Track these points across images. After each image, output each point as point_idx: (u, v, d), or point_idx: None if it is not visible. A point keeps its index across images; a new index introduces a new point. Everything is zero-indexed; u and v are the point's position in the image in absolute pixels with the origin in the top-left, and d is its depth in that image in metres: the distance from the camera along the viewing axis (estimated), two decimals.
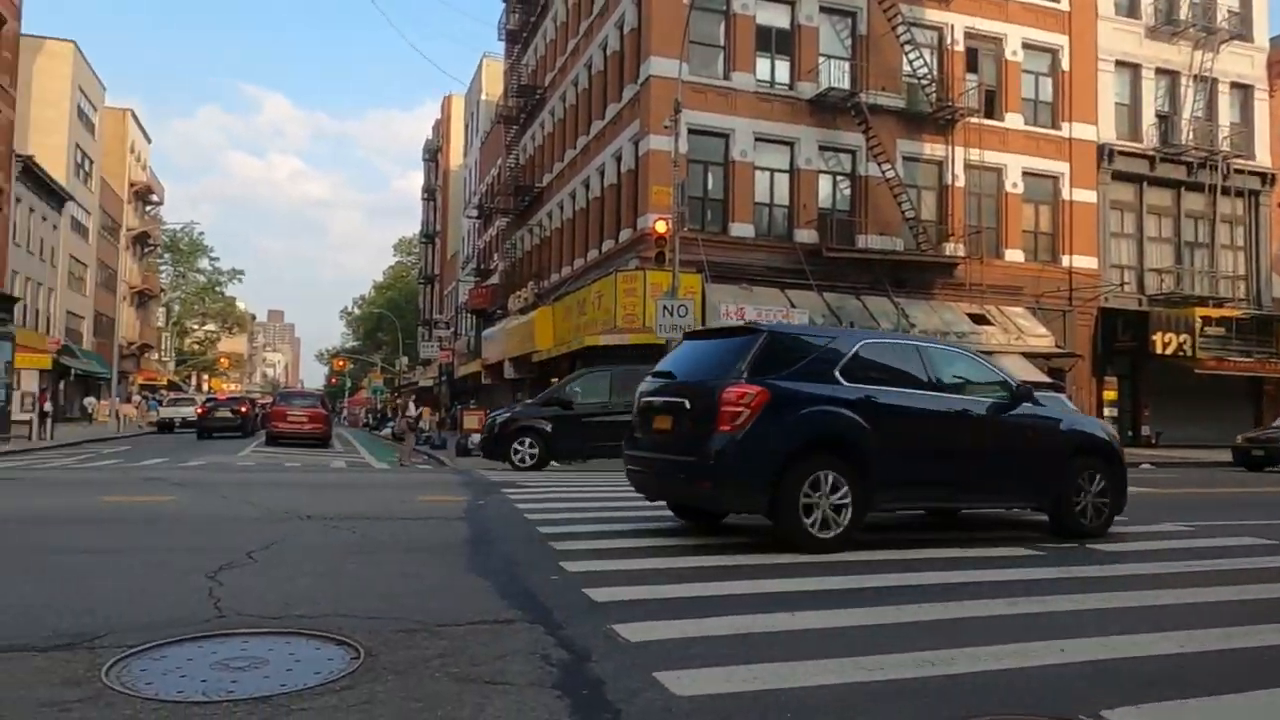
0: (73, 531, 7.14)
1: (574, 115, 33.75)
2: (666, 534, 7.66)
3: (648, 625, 4.48)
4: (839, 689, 3.58)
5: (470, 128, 60.83)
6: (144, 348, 69.65)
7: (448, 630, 4.32)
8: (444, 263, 68.34)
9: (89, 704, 3.19)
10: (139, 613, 4.51)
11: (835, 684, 3.64)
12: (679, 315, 20.32)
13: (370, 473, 17.25)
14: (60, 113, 49.94)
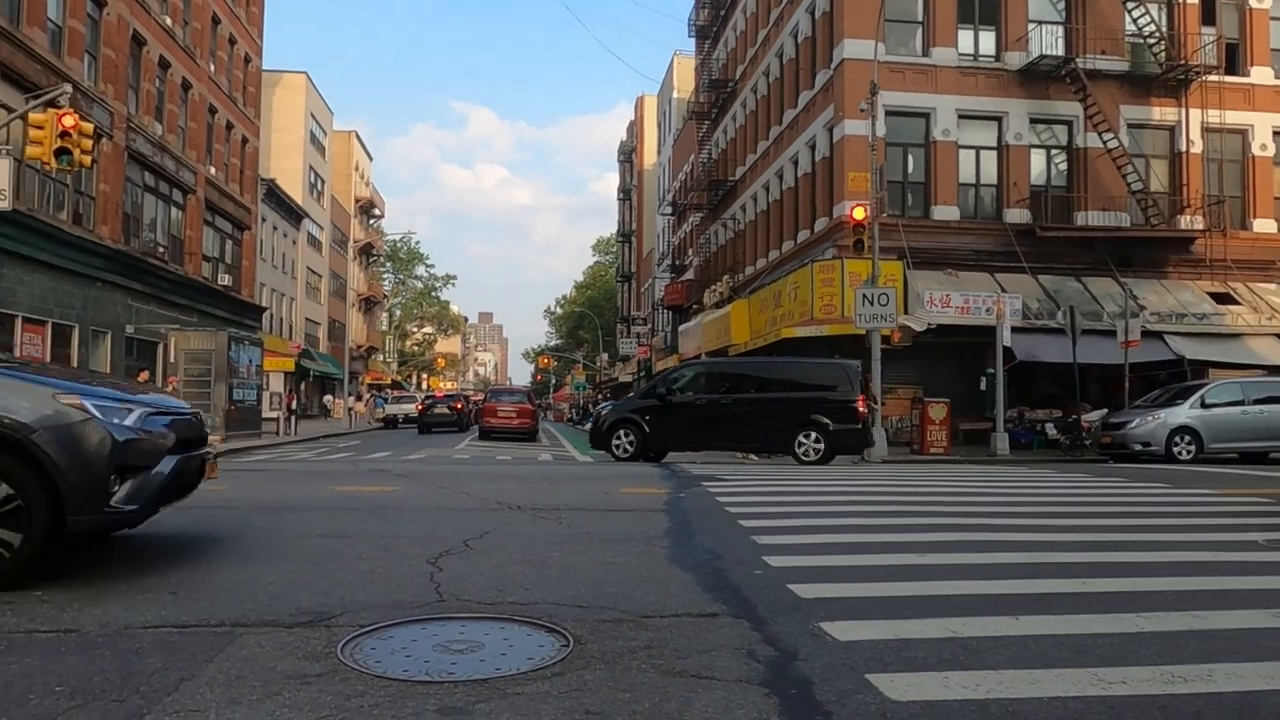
0: (311, 517, 7.78)
1: (765, 106, 33.43)
2: (872, 530, 7.38)
3: (856, 624, 4.31)
4: (1073, 703, 3.28)
5: (663, 126, 61.65)
6: (370, 350, 75.57)
7: (653, 622, 4.33)
8: (640, 260, 69.69)
9: (326, 678, 3.42)
10: (369, 594, 4.82)
11: (1068, 696, 3.34)
12: (880, 304, 19.66)
13: (574, 465, 17.82)
14: (296, 138, 55.00)
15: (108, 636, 3.94)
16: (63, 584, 4.94)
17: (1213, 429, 18.07)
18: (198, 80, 33.99)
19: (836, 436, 16.77)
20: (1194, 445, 17.99)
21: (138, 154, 28.68)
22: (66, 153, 15.65)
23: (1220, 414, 18.26)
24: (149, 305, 29.35)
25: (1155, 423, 18.37)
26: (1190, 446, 17.98)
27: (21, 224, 21.81)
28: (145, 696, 3.18)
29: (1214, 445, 18.06)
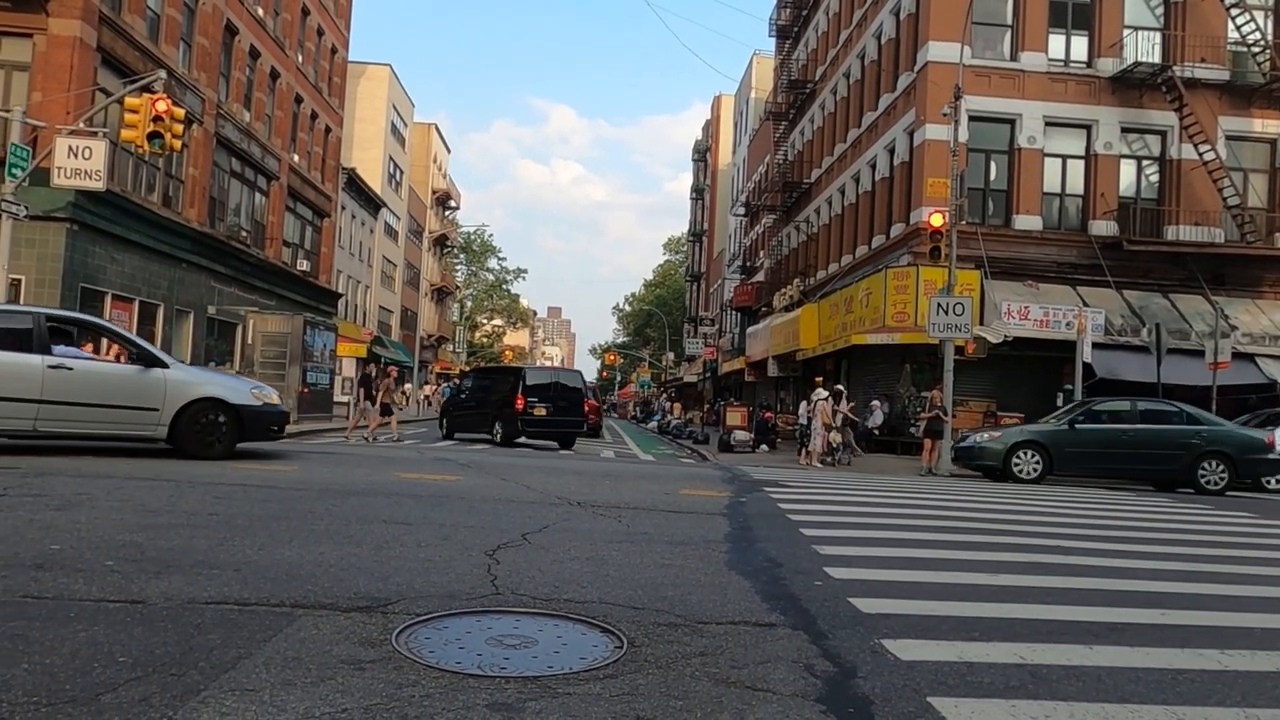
0: (375, 503, 7.88)
1: (844, 108, 32.95)
2: (938, 546, 7.17)
3: (919, 644, 4.16)
4: None
5: (739, 126, 61.29)
6: (440, 339, 76.78)
7: (709, 628, 4.25)
8: (710, 261, 69.42)
9: (379, 665, 3.43)
10: (426, 583, 4.83)
11: None
12: (955, 314, 19.19)
13: (636, 464, 17.79)
14: (377, 129, 56.11)
15: (172, 609, 4.01)
16: (132, 555, 5.07)
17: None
18: (286, 70, 34.88)
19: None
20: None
21: (226, 140, 29.56)
22: (159, 136, 16.18)
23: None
24: (230, 287, 30.24)
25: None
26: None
27: (115, 204, 22.64)
28: (203, 672, 3.22)
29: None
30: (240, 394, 11.65)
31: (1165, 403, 17.66)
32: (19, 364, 10.16)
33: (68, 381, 10.42)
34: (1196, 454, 15.81)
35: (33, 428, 10.43)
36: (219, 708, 2.90)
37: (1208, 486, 15.70)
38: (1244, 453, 15.90)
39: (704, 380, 58.05)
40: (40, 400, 10.29)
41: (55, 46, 21.15)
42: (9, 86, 21.41)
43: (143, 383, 10.86)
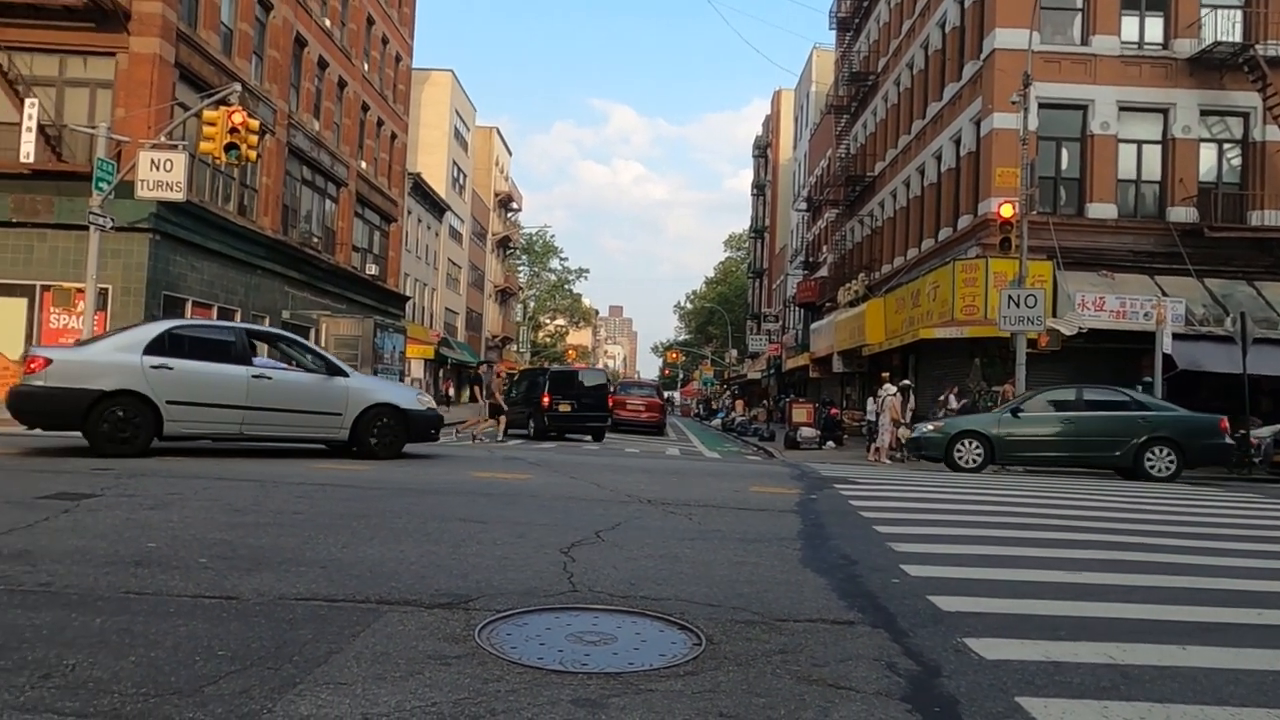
0: (451, 501, 8.02)
1: (908, 100, 32.43)
2: (1018, 543, 7.03)
3: (1003, 642, 4.09)
4: None
5: (799, 121, 60.75)
6: (505, 340, 77.72)
7: (787, 626, 4.24)
8: (772, 257, 68.97)
9: (464, 660, 3.50)
10: (504, 580, 4.91)
11: None
12: (1026, 306, 18.77)
13: (702, 461, 17.78)
14: (440, 134, 57.04)
15: (264, 605, 4.15)
16: (224, 553, 5.25)
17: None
18: (352, 79, 35.68)
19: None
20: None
21: (297, 149, 30.36)
22: (235, 148, 16.71)
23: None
24: (303, 292, 31.06)
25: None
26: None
27: (194, 214, 23.43)
28: (297, 666, 3.33)
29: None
30: (409, 399, 12.88)
31: (1114, 390, 17.20)
32: (229, 374, 11.29)
33: (268, 390, 11.49)
34: (1142, 441, 15.39)
35: (239, 431, 11.52)
36: (315, 700, 2.99)
37: (1154, 474, 15.26)
38: (1193, 437, 15.47)
39: (768, 377, 57.69)
40: (246, 407, 11.38)
41: (136, 64, 21.96)
42: (94, 104, 22.31)
43: (329, 390, 12.00)
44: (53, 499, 6.93)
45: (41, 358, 10.71)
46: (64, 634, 3.58)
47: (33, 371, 10.53)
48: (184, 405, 10.96)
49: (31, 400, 10.58)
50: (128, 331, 11.61)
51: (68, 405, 10.48)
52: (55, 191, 21.52)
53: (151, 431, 10.82)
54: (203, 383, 11.12)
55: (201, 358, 11.29)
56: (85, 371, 10.63)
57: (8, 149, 21.64)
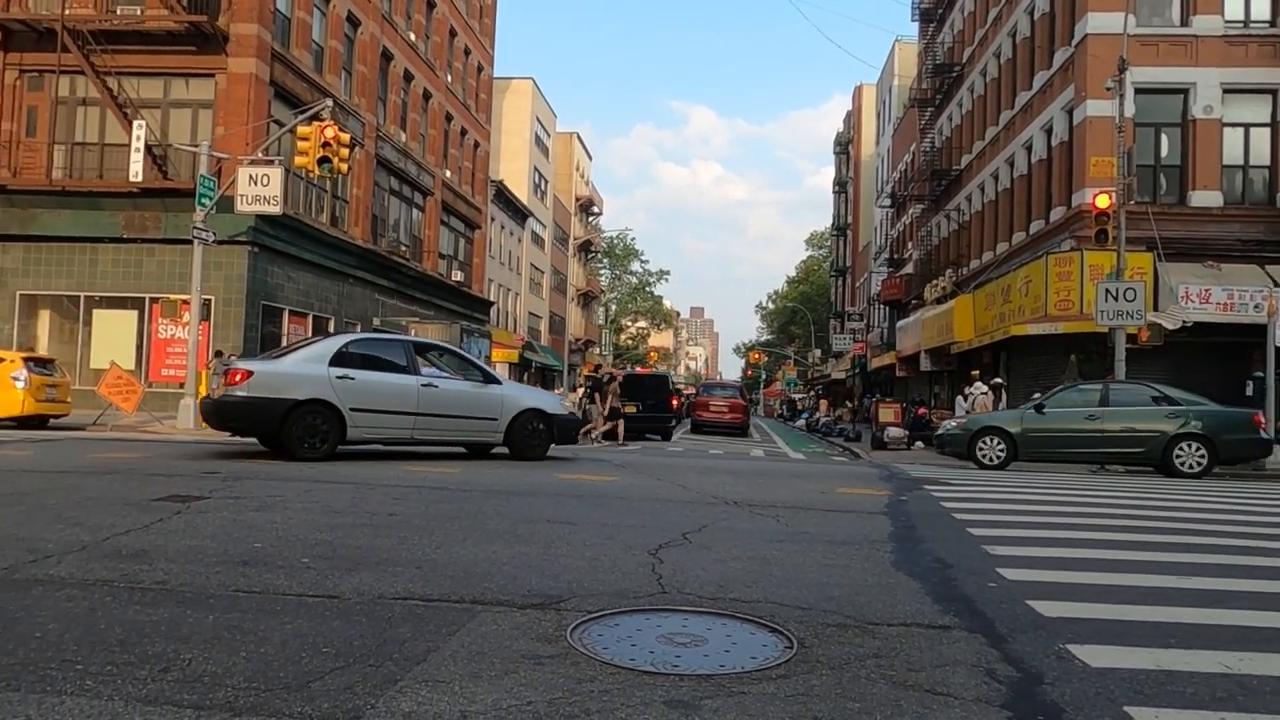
0: (539, 503, 8.14)
1: (995, 90, 31.55)
2: (1120, 546, 6.76)
3: (1109, 650, 3.94)
4: None
5: (882, 116, 59.71)
6: (587, 343, 78.39)
7: (880, 630, 4.17)
8: (855, 254, 67.93)
9: (558, 660, 3.54)
10: (594, 581, 4.96)
11: None
12: (1125, 299, 18.07)
13: (787, 462, 17.61)
14: (522, 141, 57.90)
15: (364, 604, 4.29)
16: (325, 553, 5.44)
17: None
18: (436, 90, 36.51)
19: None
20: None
21: (385, 160, 31.22)
22: (327, 161, 17.28)
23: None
24: (392, 299, 31.92)
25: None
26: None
27: (289, 227, 24.32)
28: (397, 663, 3.42)
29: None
30: (555, 405, 13.78)
31: (1143, 384, 16.60)
32: (402, 383, 12.18)
33: (435, 397, 12.34)
34: (1170, 436, 14.89)
35: (410, 436, 12.36)
36: (415, 697, 3.08)
37: (1184, 470, 14.72)
38: (1225, 433, 14.90)
39: (852, 376, 56.82)
40: (416, 413, 12.25)
41: (234, 83, 22.92)
42: (196, 123, 23.37)
43: (487, 397, 12.83)
44: (166, 501, 7.27)
45: (243, 370, 11.51)
46: (180, 630, 3.76)
47: (236, 383, 11.32)
48: (365, 412, 11.78)
49: (234, 409, 11.40)
50: (312, 345, 12.46)
51: (266, 413, 11.31)
52: (162, 208, 22.61)
53: (337, 437, 11.60)
54: (380, 391, 11.95)
55: (376, 369, 12.15)
56: (281, 382, 11.47)
57: (118, 169, 22.85)
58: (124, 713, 2.85)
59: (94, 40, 22.50)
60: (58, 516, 6.40)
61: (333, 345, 12.14)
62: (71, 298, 23.70)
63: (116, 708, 2.88)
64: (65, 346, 23.46)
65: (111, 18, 23.09)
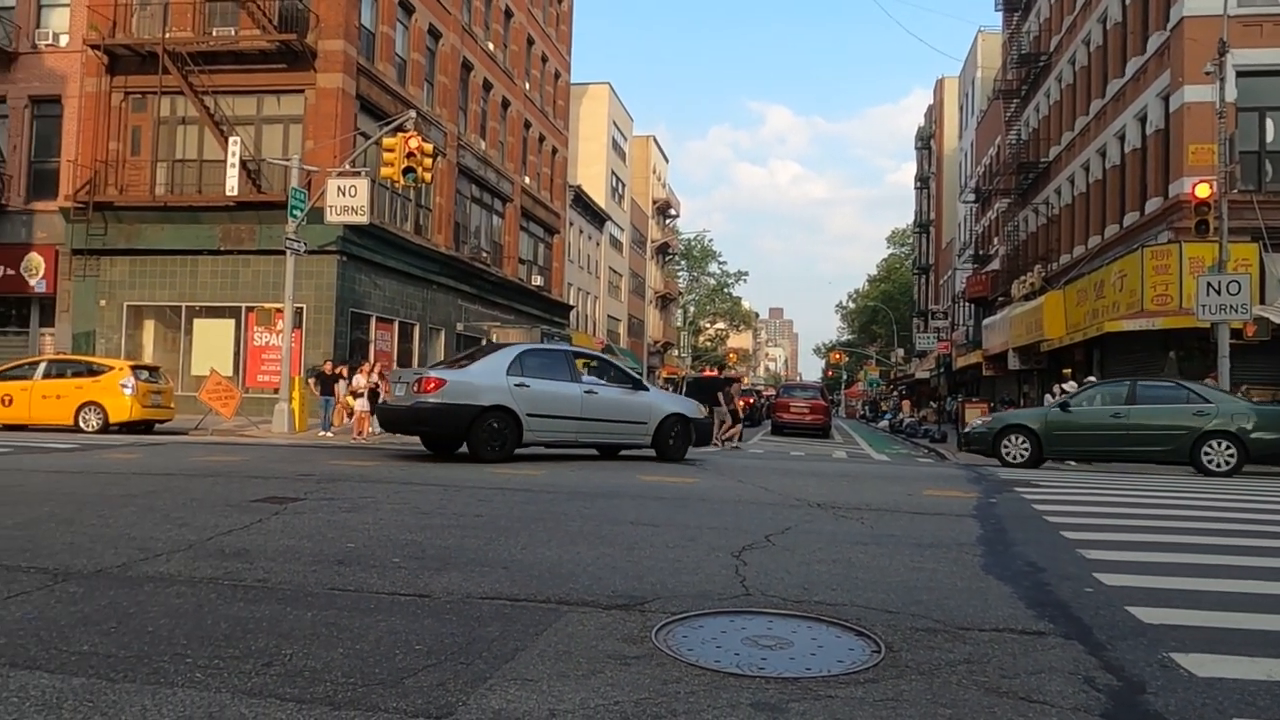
0: (622, 504, 8.20)
1: (1085, 78, 30.49)
2: (1225, 551, 6.47)
3: (1216, 659, 3.78)
4: None
5: (965, 109, 58.28)
6: (666, 345, 78.50)
7: (971, 635, 4.08)
8: (939, 251, 66.44)
9: (643, 661, 3.57)
10: (677, 583, 4.97)
11: None
12: (1229, 293, 17.28)
13: (870, 464, 17.34)
14: (599, 145, 58.33)
15: (453, 603, 4.38)
16: (415, 553, 5.58)
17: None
18: (515, 98, 37.08)
19: None
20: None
21: (466, 168, 31.85)
22: (411, 171, 17.73)
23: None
24: (474, 305, 32.53)
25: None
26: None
27: (376, 236, 25.01)
28: (487, 661, 3.50)
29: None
30: (693, 410, 14.63)
31: (1171, 382, 16.41)
32: (569, 391, 13.25)
33: (595, 403, 13.40)
34: (1199, 434, 14.64)
35: (575, 439, 13.41)
36: (505, 695, 3.14)
37: (1212, 468, 14.43)
38: (1255, 431, 14.49)
39: (936, 376, 55.58)
40: (581, 418, 13.26)
41: (322, 98, 23.68)
42: (287, 137, 24.21)
43: (637, 403, 13.93)
44: (264, 502, 7.56)
45: (436, 378, 12.38)
46: (280, 626, 3.91)
47: (430, 390, 12.21)
48: (538, 417, 12.77)
49: (428, 414, 12.32)
50: (491, 356, 13.36)
51: (457, 418, 12.26)
52: (256, 220, 23.51)
53: (515, 441, 12.57)
54: (552, 398, 12.97)
55: (545, 377, 13.08)
56: (470, 390, 12.39)
57: (215, 184, 23.84)
58: (230, 704, 2.98)
59: (192, 61, 23.53)
60: (165, 517, 6.71)
61: (509, 355, 13.08)
62: (174, 308, 24.81)
63: (224, 699, 3.02)
64: (168, 355, 24.58)
65: (208, 39, 24.12)
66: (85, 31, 24.42)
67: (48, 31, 25.59)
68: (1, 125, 25.68)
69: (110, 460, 11.56)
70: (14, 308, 26.00)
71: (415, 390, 12.27)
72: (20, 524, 6.31)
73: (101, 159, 24.56)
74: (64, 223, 24.74)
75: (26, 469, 10.23)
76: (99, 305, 24.75)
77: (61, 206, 24.77)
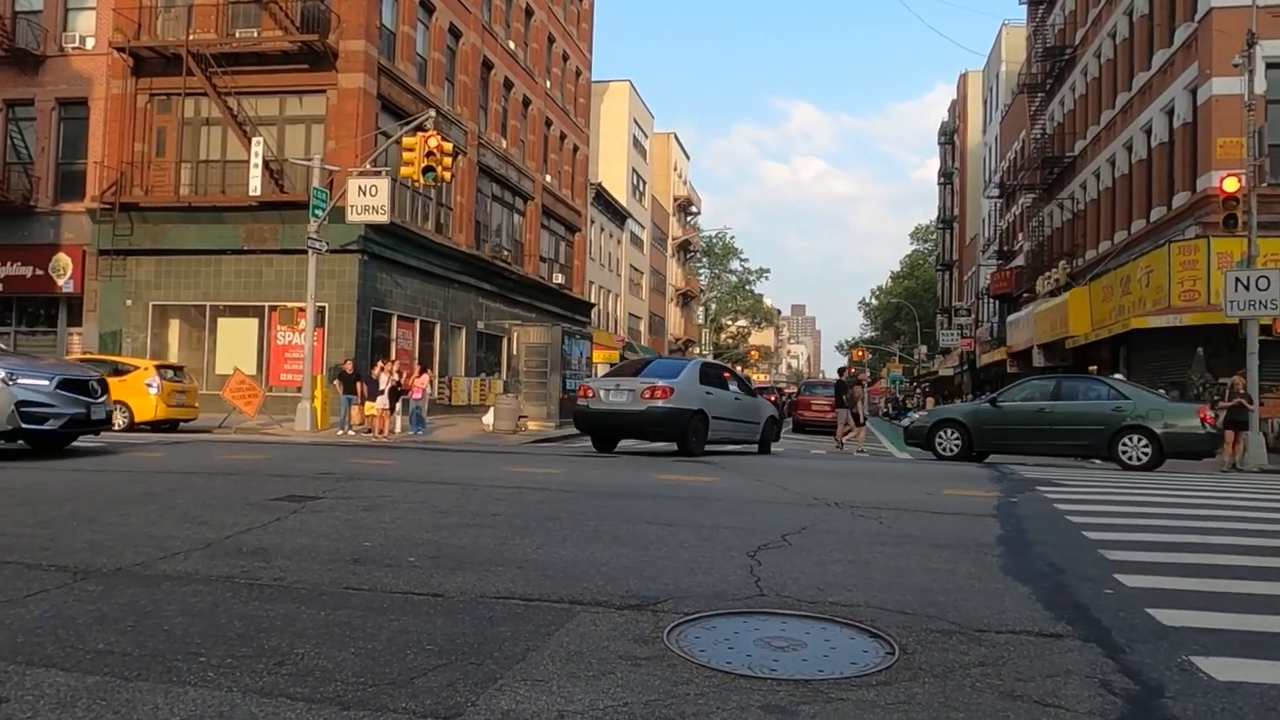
0: (638, 504, 8.18)
1: (1111, 72, 30.13)
2: (1251, 552, 6.36)
3: (1238, 663, 3.71)
4: None
5: (989, 103, 57.77)
6: (687, 342, 78.39)
7: (987, 637, 4.03)
8: (962, 247, 65.93)
9: (654, 662, 3.55)
10: (692, 583, 4.95)
11: None
12: (1258, 288, 17.01)
13: (892, 463, 17.22)
14: (620, 143, 58.34)
15: (466, 603, 4.39)
16: (430, 552, 5.60)
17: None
18: (535, 96, 37.14)
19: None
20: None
21: (486, 167, 31.94)
22: (431, 170, 17.80)
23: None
24: (496, 303, 32.62)
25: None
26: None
27: (397, 235, 25.14)
28: (498, 661, 3.49)
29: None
30: (772, 410, 17.65)
31: (1093, 379, 17.36)
32: (728, 397, 16.00)
33: (740, 406, 16.16)
34: (1116, 429, 15.19)
35: (728, 437, 16.02)
36: (514, 696, 3.13)
37: (1129, 462, 14.95)
38: (1169, 427, 15.07)
39: (961, 373, 55.15)
40: (734, 419, 15.89)
41: (344, 98, 23.84)
42: (309, 137, 24.40)
43: (755, 406, 16.88)
44: (284, 501, 7.62)
45: (664, 387, 14.63)
46: (294, 625, 3.93)
47: (660, 398, 14.54)
48: (716, 419, 15.14)
49: (659, 416, 14.58)
50: (689, 367, 16.03)
51: (681, 420, 14.61)
52: (278, 220, 23.70)
53: (705, 438, 14.96)
54: (723, 403, 15.65)
55: (715, 385, 15.70)
56: (688, 397, 14.78)
57: (239, 185, 24.06)
58: (241, 704, 2.99)
59: (215, 63, 23.75)
60: (186, 515, 6.78)
61: (695, 367, 15.99)
62: (198, 307, 25.08)
63: (235, 699, 3.03)
64: (193, 353, 24.85)
65: (231, 40, 24.34)
66: (111, 34, 24.73)
67: (74, 35, 25.92)
68: (29, 127, 26.06)
69: (134, 459, 11.69)
70: (42, 308, 26.39)
71: (645, 397, 14.50)
72: (43, 522, 6.39)
73: (127, 160, 24.85)
74: (91, 223, 25.06)
75: (50, 468, 10.37)
76: (125, 305, 25.05)
77: (88, 207, 25.10)
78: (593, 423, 15.19)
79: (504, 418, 21.91)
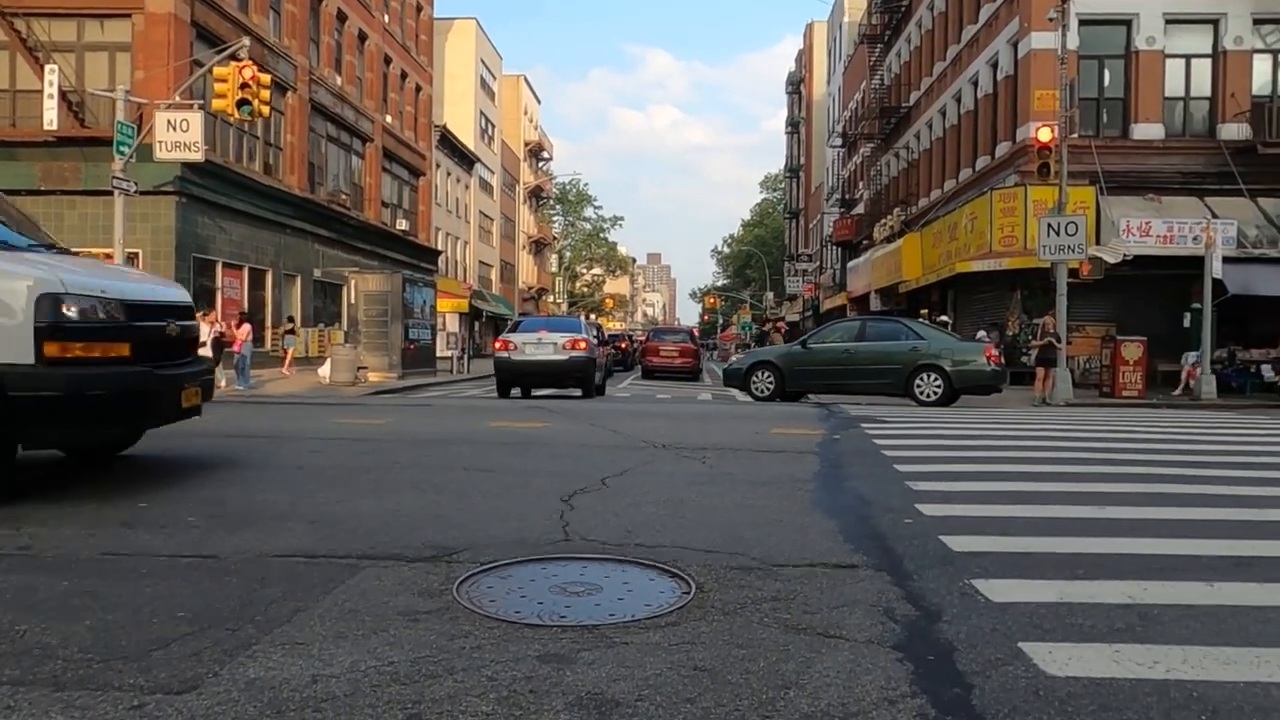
0: (462, 451, 7.90)
1: (943, 24, 31.24)
2: (1046, 479, 6.72)
3: (1014, 583, 3.84)
4: (1277, 691, 2.74)
5: (833, 54, 59.10)
6: (541, 291, 77.62)
7: (784, 571, 4.03)
8: (808, 196, 67.76)
9: (435, 616, 3.33)
10: (497, 531, 4.75)
11: (1272, 683, 2.80)
12: (1067, 234, 18.11)
13: (733, 405, 17.52)
14: (467, 84, 56.37)
15: (241, 564, 4.03)
16: (214, 510, 5.16)
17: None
18: (373, 31, 35.23)
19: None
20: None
21: (320, 105, 30.14)
22: (247, 103, 16.52)
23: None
24: (334, 250, 31.10)
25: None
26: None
27: (218, 175, 23.42)
28: (259, 626, 3.19)
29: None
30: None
31: (894, 320, 18.67)
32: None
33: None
34: (912, 368, 16.01)
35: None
36: (265, 662, 2.85)
37: (923, 399, 15.78)
38: (958, 365, 15.95)
39: (805, 318, 57.05)
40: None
41: (152, 24, 21.83)
42: (114, 67, 22.26)
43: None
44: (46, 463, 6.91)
45: (584, 339, 16.92)
46: (30, 598, 3.49)
47: (579, 349, 16.68)
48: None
49: (578, 365, 16.72)
50: (583, 323, 18.57)
51: (591, 368, 17.18)
52: (81, 158, 21.62)
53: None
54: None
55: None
56: (592, 348, 17.38)
57: (32, 117, 21.75)
58: None
59: None
60: None
61: (584, 323, 19.01)
62: None
63: None
64: None
65: None
66: None
67: None
68: None
69: None
70: None
71: (567, 348, 16.75)
72: None
73: None
74: None
75: None
76: None
77: None
78: (517, 371, 16.92)
79: (342, 369, 20.98)
